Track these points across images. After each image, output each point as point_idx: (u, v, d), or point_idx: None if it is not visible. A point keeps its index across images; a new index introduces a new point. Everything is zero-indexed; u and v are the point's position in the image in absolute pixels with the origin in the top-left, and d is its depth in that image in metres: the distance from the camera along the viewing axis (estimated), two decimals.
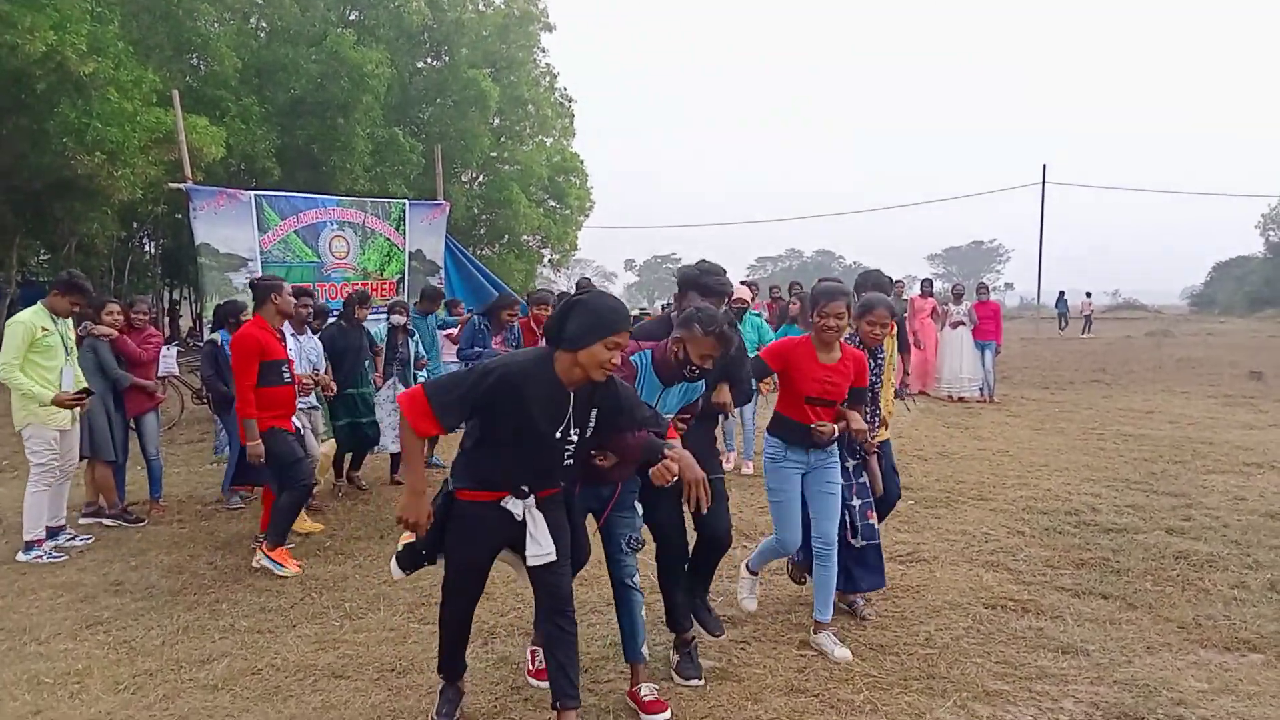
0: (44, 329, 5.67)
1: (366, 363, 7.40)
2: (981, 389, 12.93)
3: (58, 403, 5.65)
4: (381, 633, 4.36)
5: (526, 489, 3.08)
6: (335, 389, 6.68)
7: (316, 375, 6.46)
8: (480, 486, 3.09)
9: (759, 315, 7.88)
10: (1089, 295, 37.83)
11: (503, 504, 3.08)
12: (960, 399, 12.78)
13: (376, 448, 7.67)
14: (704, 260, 4.12)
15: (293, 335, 6.33)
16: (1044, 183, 37.55)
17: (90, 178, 14.95)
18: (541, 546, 3.08)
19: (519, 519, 3.07)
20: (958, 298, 13.43)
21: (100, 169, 14.68)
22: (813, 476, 4.16)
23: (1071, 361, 20.54)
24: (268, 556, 5.29)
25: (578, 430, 3.07)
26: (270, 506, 5.64)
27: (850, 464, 4.40)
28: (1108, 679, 3.73)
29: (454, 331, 9.04)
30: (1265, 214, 57.99)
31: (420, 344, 8.15)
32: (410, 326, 7.98)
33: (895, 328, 4.72)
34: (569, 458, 3.11)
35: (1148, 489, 7.08)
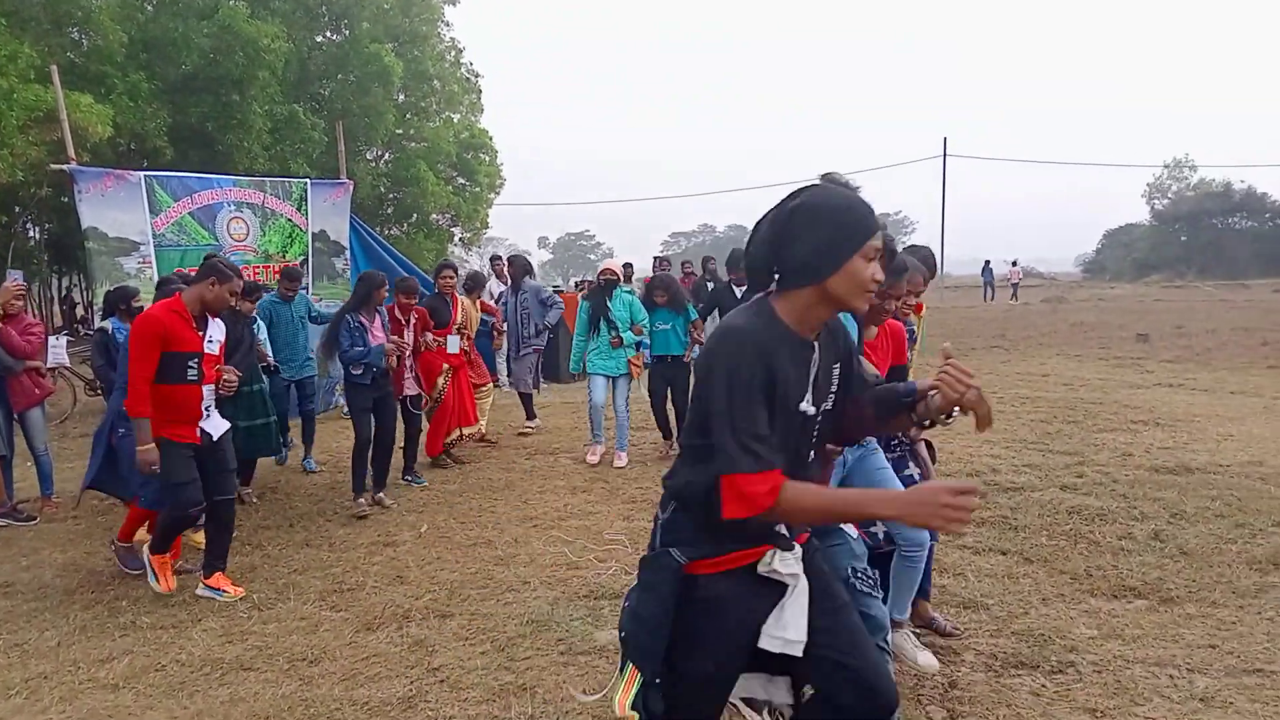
0: None
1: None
2: None
3: None
4: (292, 622, 4.27)
5: (788, 531, 2.05)
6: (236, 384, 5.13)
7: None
8: (732, 545, 2.01)
9: (631, 293, 7.72)
10: (1015, 263, 38.61)
11: (764, 566, 2.01)
12: None
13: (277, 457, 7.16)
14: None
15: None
16: (945, 156, 38.70)
17: None
18: (790, 627, 1.99)
19: (787, 580, 2.02)
20: None
21: None
22: (857, 468, 3.38)
23: (974, 328, 21.27)
24: (150, 564, 4.67)
25: (831, 398, 2.11)
26: (139, 517, 5.11)
27: (890, 457, 3.64)
28: (1006, 630, 3.90)
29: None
30: (1150, 183, 61.02)
31: (265, 333, 7.03)
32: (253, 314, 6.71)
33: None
34: (813, 446, 2.11)
35: (1044, 449, 7.39)
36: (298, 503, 6.56)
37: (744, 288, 7.66)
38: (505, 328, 9.14)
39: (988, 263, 37.44)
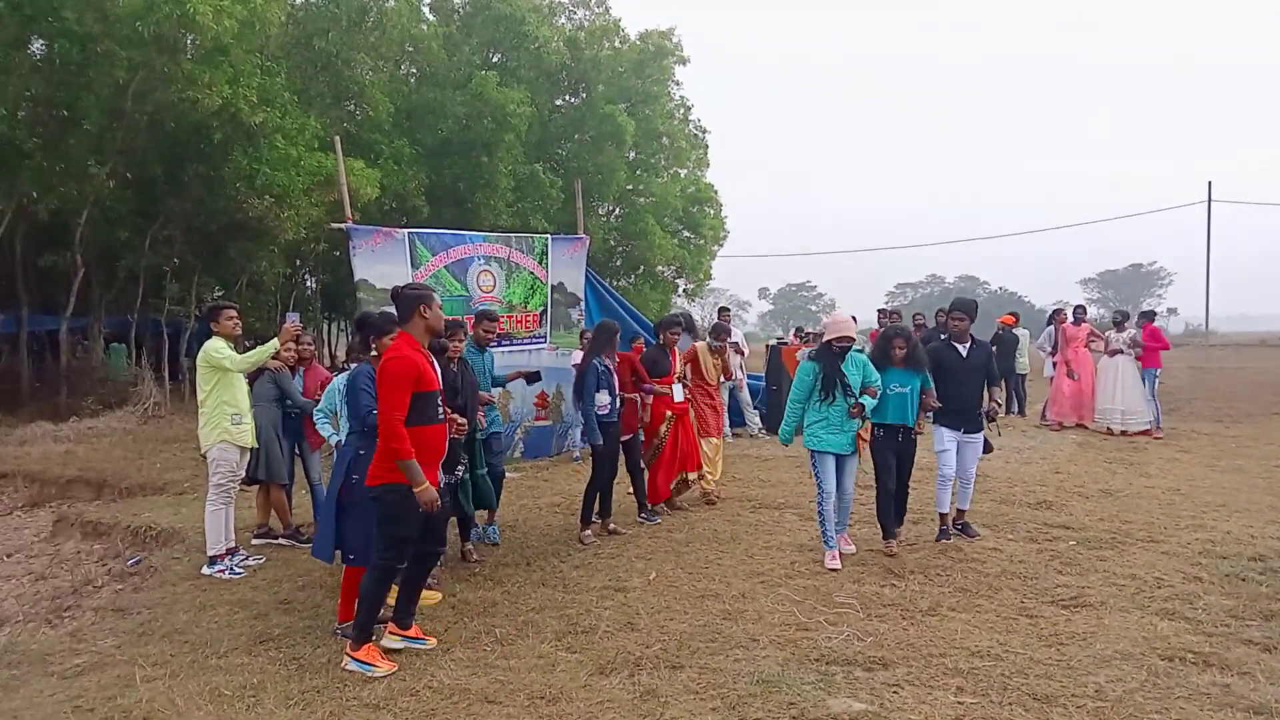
0: None
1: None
2: (1151, 422, 12.04)
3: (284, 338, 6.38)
4: (531, 659, 4.44)
5: None
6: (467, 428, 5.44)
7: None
8: None
9: (861, 351, 6.34)
10: None
11: None
12: (1123, 432, 12.01)
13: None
14: None
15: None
16: (1210, 201, 35.27)
17: (260, 219, 16.15)
18: None
19: None
20: (1118, 324, 12.65)
21: (269, 211, 15.84)
22: None
23: (1247, 392, 19.02)
24: (353, 658, 4.35)
25: None
26: (356, 589, 4.63)
27: None
28: None
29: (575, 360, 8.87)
30: None
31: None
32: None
33: None
34: None
35: None
36: (534, 542, 6.85)
37: (967, 343, 6.59)
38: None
39: None
